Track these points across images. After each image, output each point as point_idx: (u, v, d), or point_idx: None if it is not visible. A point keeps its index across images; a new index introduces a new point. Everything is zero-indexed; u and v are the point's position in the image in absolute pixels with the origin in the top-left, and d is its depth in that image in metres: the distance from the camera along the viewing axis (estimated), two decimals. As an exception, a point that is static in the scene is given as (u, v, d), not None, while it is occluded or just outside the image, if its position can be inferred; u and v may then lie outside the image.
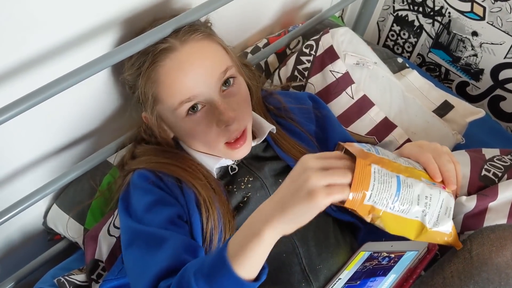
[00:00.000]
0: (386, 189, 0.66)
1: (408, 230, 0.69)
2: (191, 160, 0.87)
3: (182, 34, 0.82)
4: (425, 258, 0.74)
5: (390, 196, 0.66)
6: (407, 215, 0.68)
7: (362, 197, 0.65)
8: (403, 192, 0.67)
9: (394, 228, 0.68)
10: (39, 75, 0.82)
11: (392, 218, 0.67)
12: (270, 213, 0.60)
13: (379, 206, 0.66)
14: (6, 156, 0.92)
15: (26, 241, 1.11)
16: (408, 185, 0.68)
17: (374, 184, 0.66)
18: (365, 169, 0.66)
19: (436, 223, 0.69)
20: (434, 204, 0.69)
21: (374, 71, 1.14)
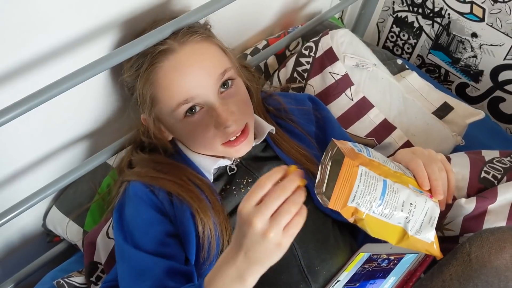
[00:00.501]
0: (370, 192, 0.66)
1: (390, 235, 0.69)
2: (184, 170, 0.86)
3: (181, 36, 0.82)
4: (424, 260, 0.74)
5: (374, 200, 0.66)
6: (390, 220, 0.68)
7: (345, 199, 0.65)
8: (388, 197, 0.67)
9: (377, 232, 0.68)
10: (39, 77, 0.82)
11: (374, 221, 0.67)
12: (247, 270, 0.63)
13: (362, 208, 0.66)
14: (5, 158, 0.92)
15: (26, 243, 1.11)
16: (394, 190, 0.68)
17: (359, 186, 0.66)
18: (352, 170, 0.66)
19: (419, 231, 0.69)
20: (418, 212, 0.69)
21: (374, 73, 1.14)
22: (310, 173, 0.91)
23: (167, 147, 0.91)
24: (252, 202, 0.60)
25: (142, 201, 0.83)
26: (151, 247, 0.79)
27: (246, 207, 0.60)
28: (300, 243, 0.84)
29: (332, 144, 0.70)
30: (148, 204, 0.82)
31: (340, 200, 0.65)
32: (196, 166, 0.88)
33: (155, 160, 0.89)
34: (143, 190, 0.84)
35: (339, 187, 0.65)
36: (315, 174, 0.90)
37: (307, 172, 0.91)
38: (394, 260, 0.76)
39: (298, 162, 0.90)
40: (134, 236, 0.81)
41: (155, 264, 0.77)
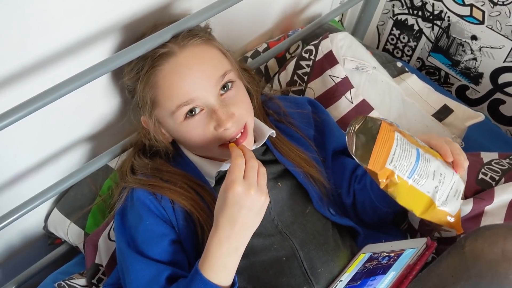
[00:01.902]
0: (406, 157, 0.68)
1: (417, 203, 0.70)
2: (185, 177, 0.87)
3: (181, 39, 0.82)
4: (424, 254, 0.75)
5: (409, 165, 0.68)
6: (421, 188, 0.69)
7: (383, 160, 0.66)
8: (421, 164, 0.69)
9: (405, 199, 0.70)
10: (40, 80, 0.82)
11: (406, 188, 0.69)
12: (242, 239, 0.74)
13: (398, 172, 0.68)
14: (7, 161, 0.92)
15: (27, 245, 1.11)
16: (426, 159, 0.70)
17: (396, 149, 0.68)
18: (389, 134, 0.68)
19: (445, 202, 0.70)
20: (447, 183, 0.71)
21: (373, 76, 1.14)
22: (310, 176, 0.91)
23: (168, 149, 0.91)
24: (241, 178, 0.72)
25: (145, 207, 0.83)
26: (154, 254, 0.80)
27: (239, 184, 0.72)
28: (302, 245, 0.84)
29: (357, 118, 0.73)
30: (151, 211, 0.83)
31: (378, 161, 0.67)
32: (198, 169, 0.88)
33: (156, 167, 0.89)
34: (146, 196, 0.84)
35: (378, 149, 0.67)
36: (314, 177, 0.91)
37: (306, 175, 0.91)
38: (394, 257, 0.77)
39: (297, 166, 0.90)
40: (136, 242, 0.81)
41: (159, 271, 0.78)
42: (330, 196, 0.95)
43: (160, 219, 0.83)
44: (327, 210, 0.90)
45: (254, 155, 0.76)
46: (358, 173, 0.96)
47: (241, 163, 0.73)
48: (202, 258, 0.74)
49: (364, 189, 0.91)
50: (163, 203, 0.83)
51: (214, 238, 0.73)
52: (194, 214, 0.82)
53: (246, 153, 0.75)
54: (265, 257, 0.83)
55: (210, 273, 0.72)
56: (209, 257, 0.72)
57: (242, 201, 0.71)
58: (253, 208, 0.72)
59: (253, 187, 0.72)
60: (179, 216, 0.83)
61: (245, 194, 0.71)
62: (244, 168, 0.73)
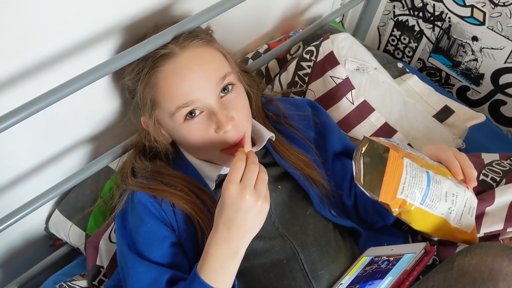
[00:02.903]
0: (417, 184, 0.68)
1: (432, 226, 0.70)
2: (185, 180, 0.87)
3: (182, 40, 0.82)
4: (422, 260, 0.75)
5: (421, 191, 0.67)
6: (434, 211, 0.69)
7: (394, 191, 0.66)
8: (433, 188, 0.69)
9: (420, 224, 0.70)
10: (41, 81, 0.82)
11: (419, 213, 0.68)
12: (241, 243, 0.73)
13: (410, 200, 0.67)
14: (8, 162, 0.92)
15: (28, 247, 1.11)
16: (437, 181, 0.70)
17: (406, 177, 0.67)
18: (398, 162, 0.68)
19: (460, 221, 0.71)
20: (460, 202, 0.71)
21: (374, 77, 1.14)
22: (310, 179, 0.91)
23: (168, 151, 0.91)
24: (237, 180, 0.72)
25: (146, 210, 0.83)
26: (155, 256, 0.80)
27: (234, 186, 0.71)
28: (303, 247, 0.84)
29: (364, 140, 0.72)
30: (152, 213, 0.83)
31: (389, 192, 0.67)
32: (198, 172, 0.88)
33: (157, 170, 0.89)
34: (147, 199, 0.84)
35: (388, 180, 0.67)
36: (314, 179, 0.91)
37: (306, 177, 0.91)
38: (393, 261, 0.77)
39: (297, 168, 0.90)
40: (137, 245, 0.81)
41: (159, 274, 0.78)
42: (331, 197, 0.95)
43: (161, 222, 0.83)
44: (328, 211, 0.90)
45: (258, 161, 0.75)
46: None
47: (240, 165, 0.72)
48: (200, 261, 0.74)
49: None
50: (163, 206, 0.83)
51: (212, 240, 0.73)
52: (194, 217, 0.82)
53: (249, 157, 0.74)
54: (266, 260, 0.83)
55: (208, 276, 0.72)
56: (207, 259, 0.72)
57: (237, 203, 0.70)
58: (249, 212, 0.71)
59: (248, 190, 0.70)
60: (180, 219, 0.83)
61: (240, 196, 0.70)
62: (242, 171, 0.72)
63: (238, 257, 0.73)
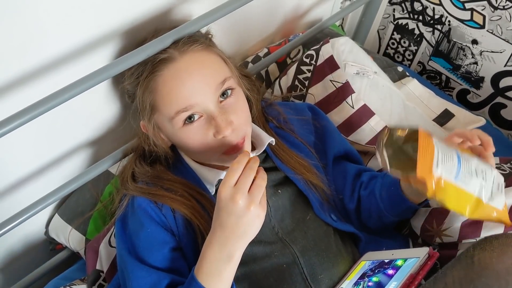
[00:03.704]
0: (449, 159, 0.68)
1: (465, 204, 0.70)
2: (185, 185, 0.87)
3: (181, 45, 0.82)
4: (426, 264, 0.75)
5: (453, 166, 0.68)
6: (468, 188, 0.69)
7: (429, 166, 0.66)
8: (463, 164, 0.69)
9: (454, 203, 0.70)
10: (41, 86, 0.83)
11: (454, 191, 0.69)
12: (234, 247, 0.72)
13: (445, 175, 0.68)
14: (8, 166, 0.92)
15: (28, 251, 1.11)
16: (465, 158, 0.70)
17: (438, 153, 0.68)
18: (428, 139, 0.68)
19: (491, 198, 0.71)
20: (489, 179, 0.71)
21: (374, 80, 1.14)
22: (310, 183, 0.91)
23: (168, 155, 0.91)
24: (231, 184, 0.71)
25: (146, 215, 0.83)
26: (155, 261, 0.80)
27: (227, 189, 0.70)
28: (302, 251, 0.84)
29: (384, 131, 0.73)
30: (152, 218, 0.83)
31: (425, 167, 0.67)
32: (198, 177, 0.88)
33: (157, 175, 0.89)
34: (147, 203, 0.84)
35: (422, 155, 0.67)
36: (314, 184, 0.91)
37: (306, 182, 0.91)
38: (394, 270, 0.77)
39: (297, 172, 0.90)
40: (137, 250, 0.81)
41: (159, 279, 0.78)
42: (331, 202, 0.95)
43: (161, 227, 0.83)
44: (328, 216, 0.90)
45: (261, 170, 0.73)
46: (363, 180, 0.96)
47: (236, 168, 0.71)
48: (197, 263, 0.74)
49: (371, 196, 0.91)
50: (164, 211, 0.83)
51: (208, 243, 0.73)
52: (194, 222, 0.82)
53: (249, 162, 0.73)
54: (266, 265, 0.83)
55: (204, 279, 0.72)
56: (202, 262, 0.73)
57: (229, 207, 0.70)
58: (242, 217, 0.70)
59: (240, 194, 0.69)
60: (180, 224, 0.83)
61: (231, 200, 0.69)
62: (238, 174, 0.71)
63: (233, 262, 0.72)
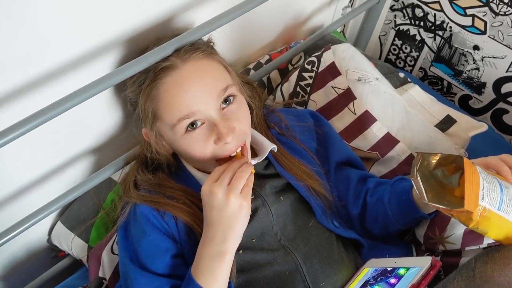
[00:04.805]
0: (493, 189, 0.67)
1: (507, 233, 0.70)
2: (187, 192, 0.87)
3: (183, 53, 0.83)
4: (428, 274, 0.74)
5: (497, 196, 0.67)
6: (510, 217, 0.69)
7: (475, 197, 0.65)
8: (505, 193, 0.68)
9: (496, 232, 0.69)
10: (44, 95, 0.83)
11: (497, 220, 0.68)
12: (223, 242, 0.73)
13: (490, 206, 0.67)
14: (11, 174, 0.92)
15: (31, 258, 1.11)
16: (506, 186, 0.70)
17: (484, 183, 0.67)
18: (472, 169, 0.68)
19: None
20: None
21: (376, 87, 1.14)
22: (312, 189, 0.91)
23: (170, 162, 0.91)
24: (211, 180, 0.74)
25: (148, 222, 0.83)
26: (157, 268, 0.80)
27: (207, 184, 0.74)
28: (305, 258, 0.84)
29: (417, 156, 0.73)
30: (155, 226, 0.83)
31: (472, 199, 0.66)
32: (199, 184, 0.87)
33: (159, 182, 0.89)
34: (149, 211, 0.84)
35: (469, 187, 0.66)
36: (316, 190, 0.91)
37: (308, 188, 0.91)
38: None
39: (299, 179, 0.90)
40: (140, 257, 0.82)
41: (162, 286, 0.78)
42: (333, 208, 0.94)
43: (163, 234, 0.83)
44: (331, 222, 0.90)
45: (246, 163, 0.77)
46: (369, 186, 0.95)
47: (220, 167, 0.75)
48: (193, 262, 0.75)
49: (379, 203, 0.91)
50: (166, 218, 0.84)
51: (201, 240, 0.75)
52: (196, 229, 0.82)
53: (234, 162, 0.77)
54: (268, 272, 0.83)
55: (199, 277, 0.73)
56: (197, 260, 0.74)
57: (210, 200, 0.72)
58: (222, 209, 0.72)
59: (218, 187, 0.72)
60: (182, 231, 0.83)
61: (210, 193, 0.72)
62: (220, 172, 0.75)
63: (226, 259, 0.73)
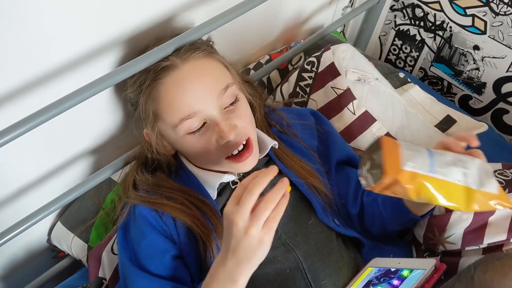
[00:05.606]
0: (418, 155, 0.67)
1: (456, 197, 0.68)
2: (186, 193, 0.86)
3: (183, 52, 0.83)
4: (432, 277, 0.74)
5: (424, 160, 0.66)
6: (450, 178, 0.67)
7: (397, 163, 0.65)
8: (436, 157, 0.68)
9: (443, 197, 0.67)
10: (43, 94, 0.83)
11: (436, 184, 0.67)
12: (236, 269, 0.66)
13: (419, 170, 0.66)
14: (11, 175, 0.92)
15: (31, 259, 1.11)
16: (439, 153, 0.69)
17: (404, 151, 0.67)
18: (392, 142, 0.68)
19: (481, 184, 0.68)
20: (471, 166, 0.69)
21: (376, 87, 1.14)
22: (313, 187, 0.91)
23: (171, 163, 0.91)
24: (233, 202, 0.65)
25: (147, 223, 0.83)
26: (156, 269, 0.80)
27: (229, 206, 0.65)
28: (305, 257, 0.84)
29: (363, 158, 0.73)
30: (153, 226, 0.83)
31: (392, 166, 0.65)
32: (199, 182, 0.88)
33: (158, 183, 0.89)
34: (148, 211, 0.84)
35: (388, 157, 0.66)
36: (317, 188, 0.91)
37: (309, 186, 0.91)
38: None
39: (300, 176, 0.90)
40: (139, 258, 0.82)
41: (161, 287, 0.78)
42: (334, 207, 0.94)
43: (162, 235, 0.83)
44: (332, 220, 0.90)
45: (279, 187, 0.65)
46: None
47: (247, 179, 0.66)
48: (205, 278, 0.71)
49: (374, 204, 0.91)
50: (164, 219, 0.83)
51: (216, 258, 0.70)
52: (195, 230, 0.82)
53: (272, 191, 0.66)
54: (269, 270, 0.83)
55: None
56: (208, 276, 0.70)
57: (230, 227, 0.64)
58: (240, 240, 0.64)
59: (240, 217, 0.63)
60: (181, 232, 0.83)
61: (230, 221, 0.64)
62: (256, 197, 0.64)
63: (237, 286, 0.67)
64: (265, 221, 0.63)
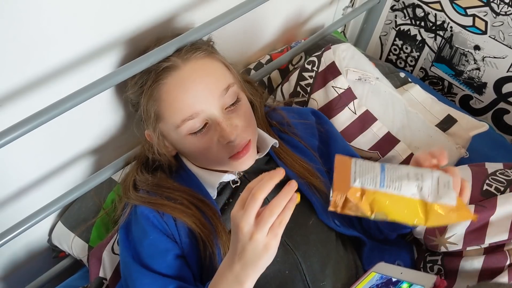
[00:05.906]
0: (369, 171, 0.66)
1: (411, 211, 0.65)
2: (186, 193, 0.86)
3: (184, 52, 0.83)
4: None
5: (376, 176, 0.66)
6: (403, 192, 0.65)
7: (347, 181, 0.65)
8: (389, 172, 0.67)
9: (396, 212, 0.65)
10: (44, 95, 0.83)
11: (388, 199, 0.65)
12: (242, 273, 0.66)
13: (368, 185, 0.65)
14: (11, 175, 0.92)
15: (31, 259, 1.11)
16: (393, 168, 0.68)
17: (356, 168, 0.67)
18: (344, 160, 0.68)
19: (438, 196, 0.65)
20: (428, 178, 0.66)
21: (376, 86, 1.14)
22: (313, 187, 0.91)
23: (171, 163, 0.91)
24: (239, 205, 0.64)
25: (149, 222, 0.83)
26: (159, 268, 0.80)
27: (235, 211, 0.64)
28: (304, 258, 0.84)
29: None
30: (155, 226, 0.83)
31: (342, 184, 0.65)
32: (200, 182, 0.88)
33: (158, 183, 0.89)
34: (149, 211, 0.84)
35: (338, 175, 0.66)
36: (317, 188, 0.91)
37: (309, 186, 0.91)
38: None
39: (300, 176, 0.90)
40: (141, 257, 0.82)
41: (165, 285, 0.77)
42: (334, 207, 0.94)
43: (164, 234, 0.83)
44: (332, 221, 0.90)
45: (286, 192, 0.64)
46: None
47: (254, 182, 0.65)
48: (212, 279, 0.71)
49: None
50: (165, 218, 0.84)
51: (224, 259, 0.70)
52: (195, 230, 0.82)
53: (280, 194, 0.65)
54: (268, 271, 0.82)
55: None
56: (215, 276, 0.70)
57: (236, 231, 0.64)
58: (246, 245, 0.63)
59: (245, 222, 0.62)
60: (182, 232, 0.83)
61: (236, 226, 0.63)
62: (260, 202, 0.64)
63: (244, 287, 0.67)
64: (271, 227, 0.63)
